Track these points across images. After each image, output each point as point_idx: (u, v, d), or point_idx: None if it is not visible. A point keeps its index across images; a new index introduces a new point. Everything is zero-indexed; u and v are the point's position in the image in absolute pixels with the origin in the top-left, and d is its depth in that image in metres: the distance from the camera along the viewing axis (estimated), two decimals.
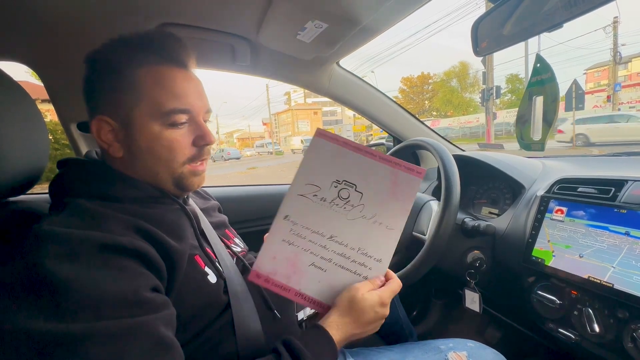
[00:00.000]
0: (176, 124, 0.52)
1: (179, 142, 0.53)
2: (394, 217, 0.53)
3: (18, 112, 0.54)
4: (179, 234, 0.52)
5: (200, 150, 0.56)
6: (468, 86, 31.96)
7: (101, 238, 0.41)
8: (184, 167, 0.55)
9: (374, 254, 0.54)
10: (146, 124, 0.51)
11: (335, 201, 0.54)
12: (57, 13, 0.76)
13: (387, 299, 0.53)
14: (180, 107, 0.52)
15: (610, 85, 18.79)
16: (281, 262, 0.53)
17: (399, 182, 0.54)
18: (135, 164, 0.54)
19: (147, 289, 0.42)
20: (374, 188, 0.54)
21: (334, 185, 0.54)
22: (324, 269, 0.54)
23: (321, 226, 0.54)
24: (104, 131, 0.52)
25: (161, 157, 0.53)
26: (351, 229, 0.54)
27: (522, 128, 0.79)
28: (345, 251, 0.54)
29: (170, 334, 0.42)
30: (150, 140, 0.52)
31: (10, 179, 0.52)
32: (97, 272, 0.39)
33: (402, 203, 0.53)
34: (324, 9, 0.74)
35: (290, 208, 0.53)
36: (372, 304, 0.51)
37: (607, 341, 0.59)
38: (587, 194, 0.68)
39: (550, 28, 0.57)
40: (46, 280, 0.37)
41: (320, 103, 53.42)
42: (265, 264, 0.53)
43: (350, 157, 0.54)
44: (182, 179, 0.55)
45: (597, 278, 0.59)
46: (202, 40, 0.93)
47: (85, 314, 0.37)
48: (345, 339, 0.51)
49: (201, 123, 0.55)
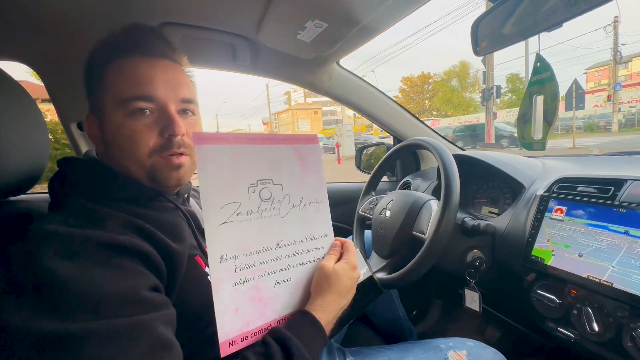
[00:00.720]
0: (136, 112, 0.50)
1: (140, 132, 0.50)
2: (316, 190, 0.54)
3: (18, 112, 0.55)
4: (177, 235, 0.52)
5: (167, 141, 0.51)
6: (468, 86, 31.93)
7: (101, 237, 0.41)
8: (153, 159, 0.51)
9: (318, 232, 0.54)
10: (111, 114, 0.51)
11: (261, 206, 0.48)
12: (57, 13, 0.76)
13: (353, 260, 0.55)
14: (140, 94, 0.50)
15: (611, 84, 18.76)
16: (246, 307, 0.46)
17: (303, 156, 0.53)
18: (111, 158, 0.54)
19: (146, 288, 0.42)
20: (287, 173, 0.51)
21: (251, 191, 0.47)
22: (288, 278, 0.51)
23: (263, 241, 0.48)
24: (92, 129, 0.55)
25: (124, 148, 0.51)
26: (290, 224, 0.51)
27: (523, 127, 0.79)
28: (297, 248, 0.52)
29: (170, 334, 0.42)
30: (114, 130, 0.51)
31: (10, 178, 0.52)
32: (97, 271, 0.39)
33: (315, 174, 0.54)
34: (324, 8, 0.74)
35: (219, 246, 0.44)
36: (345, 272, 0.53)
37: (606, 340, 0.59)
38: (586, 193, 0.68)
39: (550, 27, 0.57)
40: (46, 279, 0.37)
41: (320, 103, 53.38)
42: (231, 326, 0.44)
43: (250, 152, 0.48)
44: (155, 172, 0.52)
45: (596, 277, 0.59)
46: (202, 40, 0.93)
47: (84, 313, 0.37)
48: (334, 317, 0.52)
49: (170, 113, 0.51)
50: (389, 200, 0.87)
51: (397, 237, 0.79)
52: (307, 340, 0.46)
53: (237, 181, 0.46)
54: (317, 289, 0.52)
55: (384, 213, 0.85)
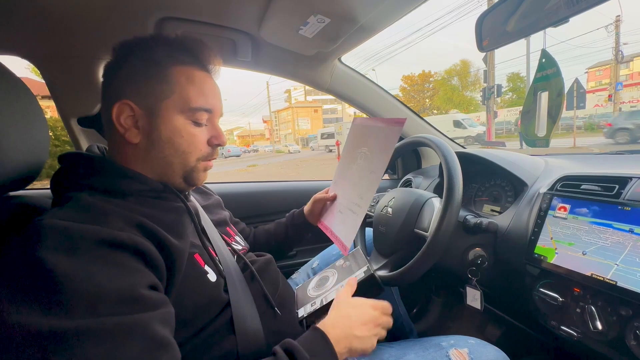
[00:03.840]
0: (198, 122, 0.56)
1: (198, 138, 0.56)
2: (381, 164, 0.71)
3: (18, 107, 0.54)
4: (179, 232, 0.52)
5: (213, 149, 0.59)
6: (469, 84, 31.90)
7: (100, 233, 0.41)
8: (197, 163, 0.57)
9: (364, 195, 0.74)
10: (172, 116, 0.54)
11: (357, 162, 0.78)
12: (58, 7, 0.75)
13: (374, 302, 0.62)
14: (206, 106, 0.56)
15: (612, 84, 18.74)
16: (329, 213, 0.87)
17: (388, 135, 0.70)
18: (150, 151, 0.54)
19: (144, 287, 0.42)
20: (375, 146, 0.73)
21: (358, 152, 0.78)
22: (343, 212, 0.79)
23: (353, 186, 0.78)
24: (124, 115, 0.53)
25: (179, 149, 0.55)
26: (360, 181, 0.76)
27: (527, 124, 0.79)
28: (352, 198, 0.77)
29: (167, 333, 0.42)
30: (173, 131, 0.54)
31: (9, 173, 0.52)
32: (94, 267, 0.39)
33: (387, 151, 0.70)
34: (327, 4, 0.74)
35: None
36: (360, 302, 0.60)
37: (609, 339, 0.58)
38: (590, 191, 0.67)
39: (553, 24, 0.56)
40: (42, 274, 0.36)
41: (321, 101, 53.30)
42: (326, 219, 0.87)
43: (366, 129, 0.79)
44: (192, 173, 0.58)
45: (600, 275, 0.59)
46: (203, 35, 0.92)
47: (80, 310, 0.36)
48: (345, 339, 0.53)
49: (217, 125, 0.59)
50: (391, 198, 0.87)
51: (399, 235, 0.79)
52: (315, 353, 0.49)
53: (358, 144, 0.79)
54: (332, 308, 0.59)
55: (386, 211, 0.85)
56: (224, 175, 12.75)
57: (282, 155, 27.29)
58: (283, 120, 55.59)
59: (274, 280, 0.72)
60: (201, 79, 0.56)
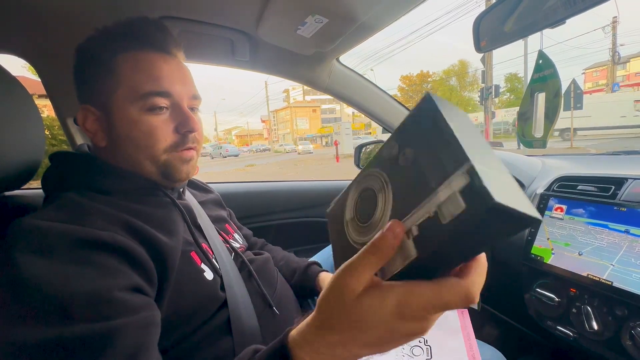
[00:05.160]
0: (155, 109, 0.50)
1: (159, 128, 0.50)
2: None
3: (14, 106, 0.54)
4: (170, 229, 0.51)
5: (183, 137, 0.53)
6: (467, 85, 32.01)
7: (80, 232, 0.39)
8: (167, 155, 0.52)
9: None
10: (125, 109, 0.50)
11: None
12: (55, 5, 0.75)
13: (418, 303, 0.26)
14: (158, 89, 0.50)
15: (609, 85, 18.83)
16: None
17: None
18: (118, 153, 0.52)
19: (124, 289, 0.39)
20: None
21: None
22: None
23: None
24: (89, 120, 0.52)
25: (140, 144, 0.50)
26: None
27: (524, 125, 0.79)
28: None
29: (146, 338, 0.38)
30: (129, 126, 0.50)
31: (5, 172, 0.51)
32: (69, 269, 0.36)
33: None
34: (325, 4, 0.74)
35: None
36: (377, 308, 0.26)
37: (605, 339, 0.59)
38: (587, 191, 0.68)
39: (551, 25, 0.57)
40: (14, 276, 0.35)
41: (319, 101, 53.32)
42: None
43: None
44: (168, 168, 0.53)
45: (596, 276, 0.59)
46: (201, 35, 0.92)
47: (51, 317, 0.33)
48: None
49: (184, 109, 0.52)
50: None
51: None
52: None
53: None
54: (318, 307, 0.29)
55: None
56: (221, 175, 12.73)
57: (278, 155, 27.28)
58: (281, 120, 55.57)
59: (272, 279, 0.71)
60: (149, 62, 0.51)
